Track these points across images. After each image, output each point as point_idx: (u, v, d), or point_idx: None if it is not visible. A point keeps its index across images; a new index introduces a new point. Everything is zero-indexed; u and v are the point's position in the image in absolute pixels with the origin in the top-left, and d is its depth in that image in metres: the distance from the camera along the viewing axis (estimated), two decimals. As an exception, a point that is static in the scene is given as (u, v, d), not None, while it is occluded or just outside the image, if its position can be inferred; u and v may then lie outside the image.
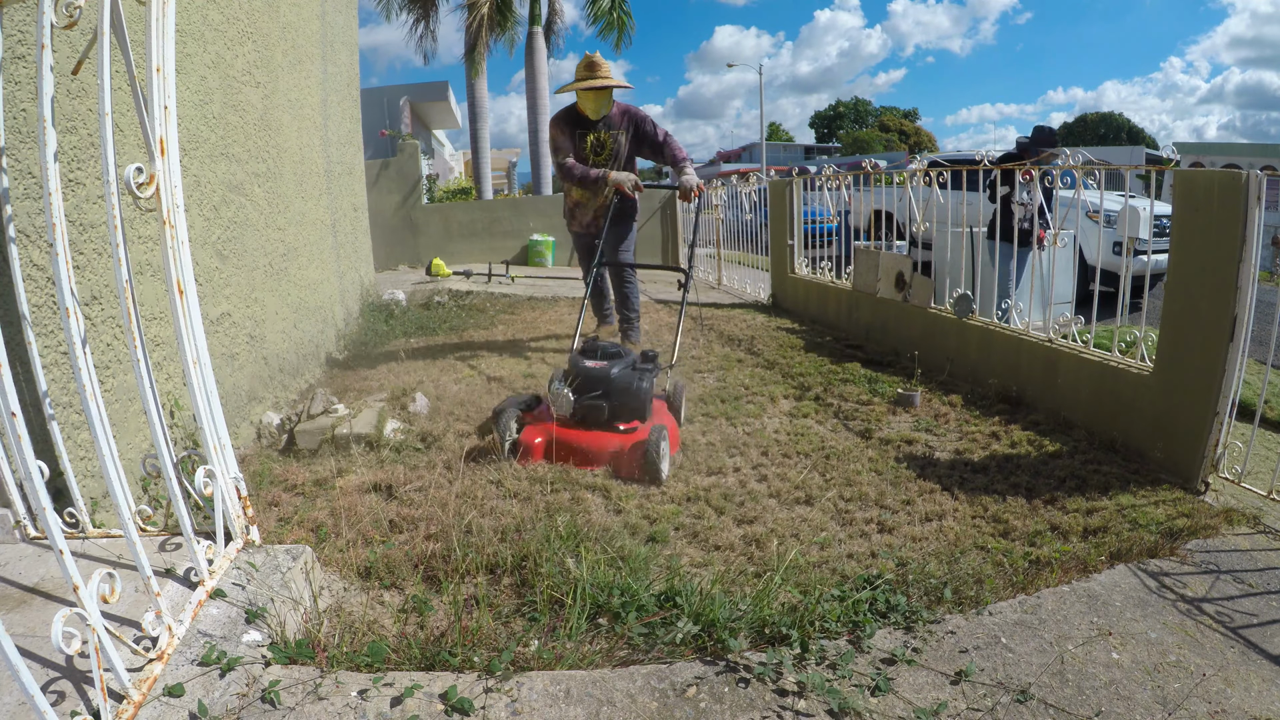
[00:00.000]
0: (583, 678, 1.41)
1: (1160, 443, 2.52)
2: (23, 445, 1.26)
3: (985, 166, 3.75)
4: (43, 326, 1.72)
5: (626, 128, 3.94)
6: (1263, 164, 3.34)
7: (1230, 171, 2.29)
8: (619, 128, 3.92)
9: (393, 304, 5.52)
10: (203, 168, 2.61)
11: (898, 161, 22.61)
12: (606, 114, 3.89)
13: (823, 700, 1.36)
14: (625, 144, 3.95)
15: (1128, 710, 1.36)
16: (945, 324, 3.80)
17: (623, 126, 3.93)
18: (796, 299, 5.72)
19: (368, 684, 1.35)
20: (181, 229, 1.49)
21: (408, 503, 2.31)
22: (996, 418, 3.04)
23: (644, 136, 3.96)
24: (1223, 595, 1.76)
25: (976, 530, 2.13)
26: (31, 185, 1.72)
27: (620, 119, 3.93)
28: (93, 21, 1.40)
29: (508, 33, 15.22)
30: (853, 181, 5.41)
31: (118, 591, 1.31)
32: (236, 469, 1.66)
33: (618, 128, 3.92)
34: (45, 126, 1.29)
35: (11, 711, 1.16)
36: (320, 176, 4.10)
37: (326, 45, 4.31)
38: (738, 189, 7.75)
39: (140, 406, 2.02)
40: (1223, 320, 2.27)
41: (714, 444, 2.79)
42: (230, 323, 2.77)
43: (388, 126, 14.91)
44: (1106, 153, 17.39)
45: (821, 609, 1.61)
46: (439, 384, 3.59)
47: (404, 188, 9.68)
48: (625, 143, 3.95)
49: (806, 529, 2.14)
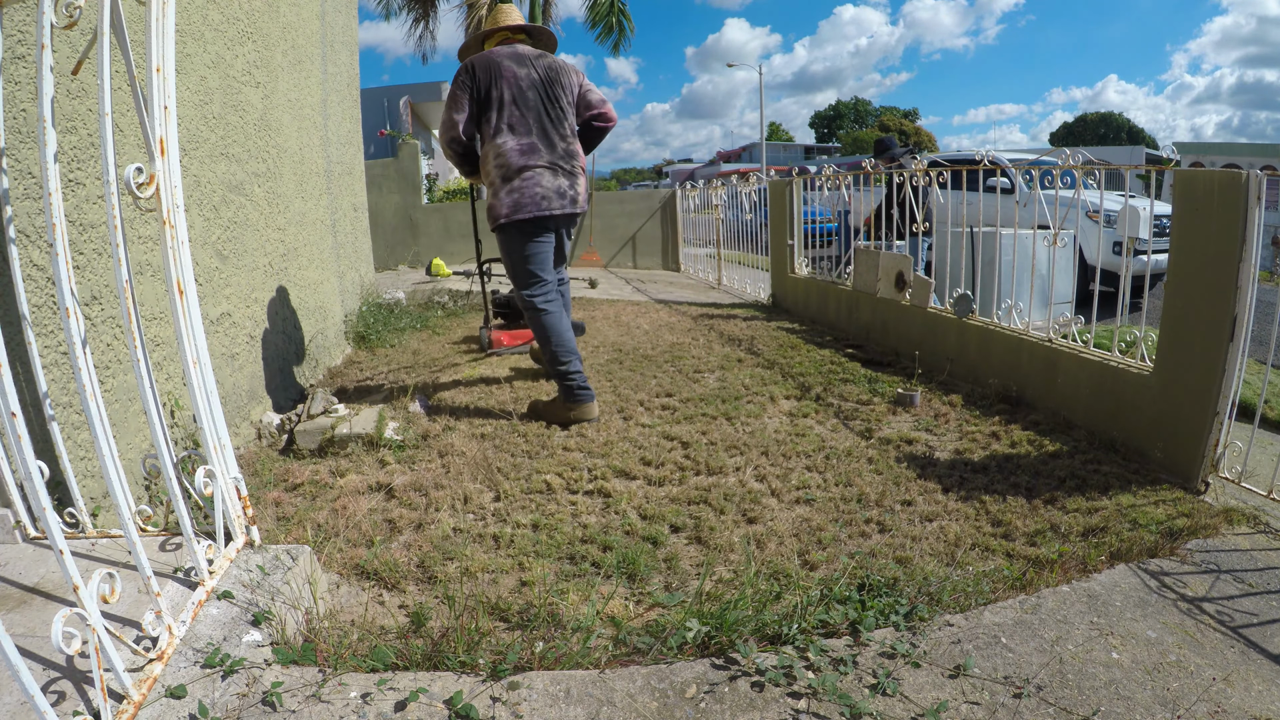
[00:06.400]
0: (583, 677, 1.41)
1: (1160, 442, 2.52)
2: (23, 445, 1.26)
3: (985, 166, 3.75)
4: (43, 326, 1.72)
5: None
6: (1263, 164, 3.34)
7: (1230, 171, 2.29)
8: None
9: (393, 304, 5.53)
10: (203, 168, 2.61)
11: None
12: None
13: (827, 701, 1.36)
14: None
15: (1128, 710, 1.36)
16: (945, 324, 3.80)
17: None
18: (796, 299, 5.72)
19: (370, 686, 1.35)
20: (181, 229, 1.49)
21: (408, 503, 2.31)
22: (996, 417, 3.04)
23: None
24: (1223, 595, 1.76)
25: (976, 530, 2.13)
26: (31, 185, 1.72)
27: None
28: (93, 21, 1.40)
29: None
30: (853, 181, 5.41)
31: (118, 591, 1.32)
32: (236, 469, 1.66)
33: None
34: (45, 126, 1.29)
35: (12, 711, 1.16)
36: (320, 176, 4.10)
37: (326, 45, 4.31)
38: (738, 189, 7.75)
39: (140, 406, 2.02)
40: (1223, 320, 2.27)
41: (714, 444, 2.79)
42: (230, 323, 2.77)
43: (388, 126, 14.92)
44: (1106, 153, 17.43)
45: (821, 609, 1.61)
46: (439, 384, 3.59)
47: (404, 188, 9.68)
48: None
49: (807, 529, 2.14)
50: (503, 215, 2.85)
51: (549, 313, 2.95)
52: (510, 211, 2.83)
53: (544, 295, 2.96)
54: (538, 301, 2.95)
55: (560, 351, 2.93)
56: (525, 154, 2.84)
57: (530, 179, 2.83)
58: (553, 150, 2.89)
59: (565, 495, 2.38)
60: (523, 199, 2.83)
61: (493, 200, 2.89)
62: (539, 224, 2.90)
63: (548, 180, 2.86)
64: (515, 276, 2.98)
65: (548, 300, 2.97)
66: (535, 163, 2.84)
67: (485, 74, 2.84)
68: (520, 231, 2.88)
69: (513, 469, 2.56)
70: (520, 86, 2.85)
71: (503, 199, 2.85)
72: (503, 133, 2.84)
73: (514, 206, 2.83)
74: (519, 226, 2.87)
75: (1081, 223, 6.22)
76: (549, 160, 2.87)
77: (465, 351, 4.39)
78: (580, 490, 2.41)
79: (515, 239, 2.90)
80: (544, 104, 2.89)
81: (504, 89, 2.83)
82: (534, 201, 2.83)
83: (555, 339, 2.93)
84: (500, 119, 2.83)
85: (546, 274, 2.97)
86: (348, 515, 2.20)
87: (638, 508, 2.29)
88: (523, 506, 2.30)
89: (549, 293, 2.98)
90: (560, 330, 2.95)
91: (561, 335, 2.94)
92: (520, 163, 2.83)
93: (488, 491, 2.41)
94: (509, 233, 2.89)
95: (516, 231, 2.88)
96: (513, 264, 2.96)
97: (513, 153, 2.83)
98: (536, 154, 2.85)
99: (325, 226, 4.15)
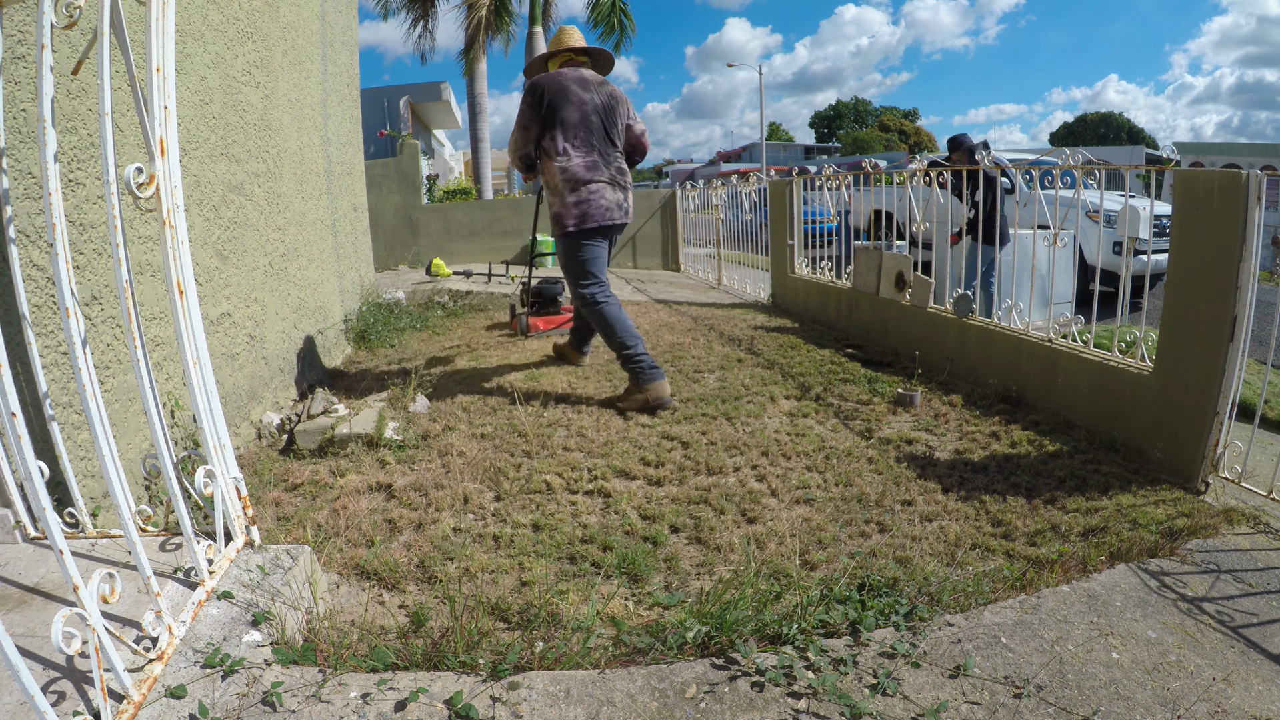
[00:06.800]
0: (583, 677, 1.41)
1: (1160, 442, 2.52)
2: (23, 445, 1.26)
3: (985, 167, 3.75)
4: (43, 326, 1.72)
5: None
6: (1263, 164, 3.34)
7: (1230, 171, 2.29)
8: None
9: (393, 304, 5.52)
10: (203, 168, 2.61)
11: (898, 161, 22.61)
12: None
13: (827, 701, 1.36)
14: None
15: (1128, 710, 1.36)
16: (945, 324, 3.80)
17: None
18: (796, 299, 5.72)
19: (370, 686, 1.35)
20: (181, 229, 1.49)
21: (408, 503, 2.31)
22: (996, 417, 3.04)
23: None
24: (1223, 595, 1.76)
25: (976, 530, 2.13)
26: (31, 185, 1.72)
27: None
28: (93, 21, 1.40)
29: (504, 31, 15.23)
30: (853, 181, 5.41)
31: (118, 591, 1.32)
32: (236, 469, 1.66)
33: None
34: (45, 126, 1.29)
35: (12, 711, 1.16)
36: (320, 176, 4.10)
37: (326, 45, 4.31)
38: (738, 189, 7.75)
39: (140, 406, 2.02)
40: (1223, 320, 2.27)
41: (714, 444, 2.79)
42: (230, 323, 2.77)
43: (388, 126, 14.92)
44: (1106, 153, 17.42)
45: (821, 609, 1.61)
46: (439, 384, 3.59)
47: (404, 188, 9.68)
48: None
49: (807, 529, 2.14)
50: (570, 224, 3.19)
51: (608, 304, 3.25)
52: (578, 221, 3.17)
53: (602, 291, 3.28)
54: (597, 297, 3.25)
55: (625, 338, 3.18)
56: (590, 170, 3.18)
57: (596, 192, 3.18)
58: (610, 167, 3.24)
59: (565, 495, 2.38)
60: (590, 210, 3.17)
61: (560, 210, 3.21)
62: (601, 232, 3.24)
63: (609, 194, 3.22)
64: (575, 277, 3.28)
65: (605, 296, 3.28)
66: (598, 178, 3.19)
67: (553, 95, 3.15)
68: (585, 238, 3.22)
69: (513, 469, 2.56)
70: (585, 110, 3.18)
71: (570, 210, 3.17)
72: (569, 150, 3.16)
73: (581, 217, 3.17)
74: (584, 234, 3.20)
75: (1081, 223, 6.22)
76: (608, 176, 3.22)
77: (466, 351, 4.39)
78: (580, 490, 2.41)
79: (579, 245, 3.23)
80: (604, 127, 3.24)
81: (570, 111, 3.15)
82: (600, 212, 3.19)
83: (618, 328, 3.20)
84: (566, 137, 3.15)
85: (602, 274, 3.30)
86: (348, 515, 2.20)
87: (638, 508, 2.29)
88: (523, 506, 2.30)
89: (605, 289, 3.29)
90: (621, 320, 3.23)
91: (623, 324, 3.22)
92: (587, 177, 3.17)
93: (488, 491, 2.41)
94: (574, 239, 3.22)
95: (582, 238, 3.21)
96: (574, 266, 3.27)
97: (579, 168, 3.16)
98: (598, 170, 3.20)
99: (325, 226, 4.15)
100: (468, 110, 15.87)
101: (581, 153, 3.17)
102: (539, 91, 3.15)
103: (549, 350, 4.27)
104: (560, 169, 3.16)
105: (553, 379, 3.69)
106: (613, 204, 3.22)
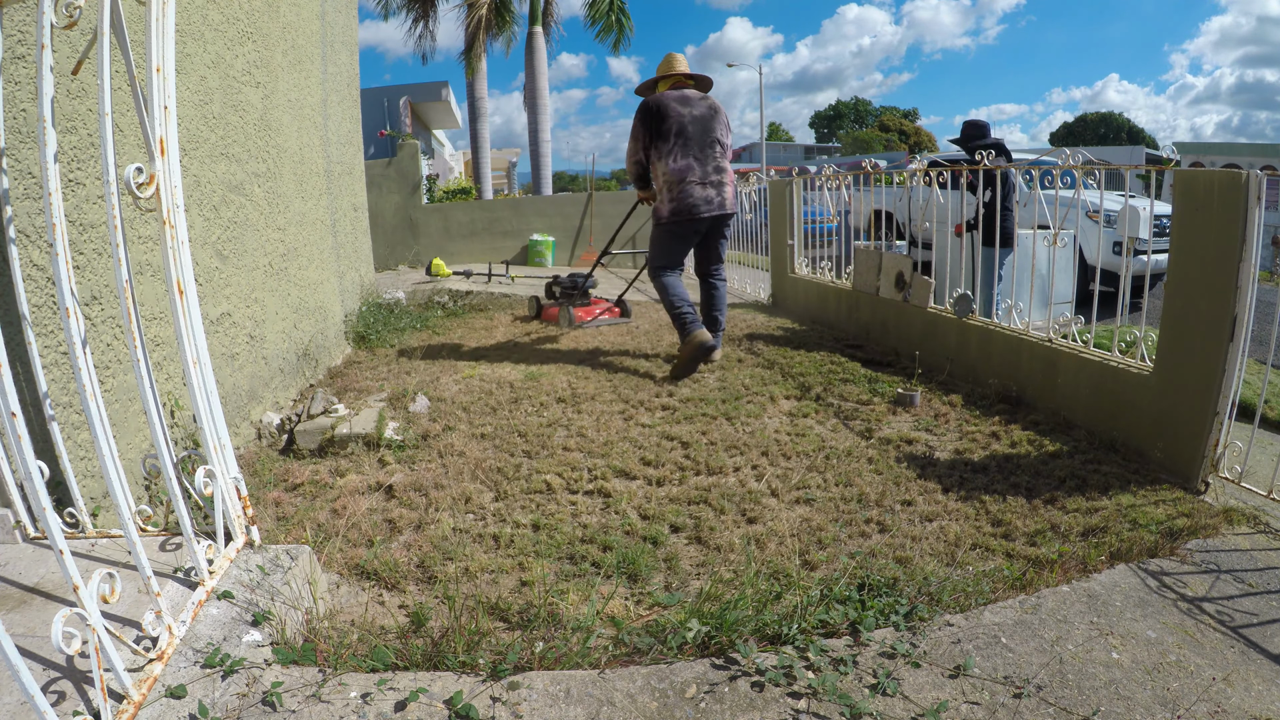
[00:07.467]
0: (583, 677, 1.41)
1: (1160, 442, 2.52)
2: (23, 445, 1.26)
3: (985, 167, 3.74)
4: (43, 326, 1.72)
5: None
6: (1263, 164, 3.34)
7: (1230, 171, 2.29)
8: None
9: (393, 304, 5.52)
10: (203, 168, 2.61)
11: (898, 161, 22.62)
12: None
13: (827, 701, 1.36)
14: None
15: (1128, 710, 1.36)
16: (945, 324, 3.80)
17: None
18: (796, 299, 5.72)
19: (370, 686, 1.35)
20: (181, 229, 1.49)
21: (408, 503, 2.31)
22: (996, 417, 3.04)
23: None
24: (1223, 595, 1.76)
25: (976, 530, 2.13)
26: (31, 185, 1.72)
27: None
28: (93, 21, 1.40)
29: (505, 32, 15.22)
30: (853, 181, 5.41)
31: (118, 591, 1.32)
32: (236, 469, 1.66)
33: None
34: (45, 126, 1.29)
35: (12, 711, 1.16)
36: (320, 176, 4.10)
37: (326, 45, 4.31)
38: (738, 189, 7.74)
39: (140, 406, 2.02)
40: (1223, 320, 2.27)
41: (714, 444, 2.79)
42: (230, 323, 2.77)
43: (388, 126, 14.92)
44: (1106, 153, 17.42)
45: (821, 609, 1.61)
46: (439, 384, 3.59)
47: (404, 188, 9.68)
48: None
49: (807, 529, 2.14)
50: (664, 216, 3.89)
51: (669, 275, 3.98)
52: (670, 215, 3.87)
53: (670, 271, 4.00)
54: (664, 273, 3.97)
55: (675, 299, 3.87)
56: (683, 173, 3.81)
57: (685, 192, 3.81)
58: (704, 168, 3.84)
59: (565, 495, 2.38)
60: (680, 206, 3.82)
61: (659, 204, 3.92)
62: (688, 224, 3.89)
63: (698, 192, 3.83)
64: (654, 255, 4.01)
65: (671, 273, 3.99)
66: (690, 179, 3.81)
67: (658, 114, 3.82)
68: (672, 227, 3.90)
69: (513, 469, 2.56)
70: (683, 124, 3.82)
71: (666, 205, 3.87)
72: (668, 157, 3.81)
73: (673, 211, 3.85)
74: (672, 224, 3.89)
75: (1081, 223, 6.22)
76: (700, 176, 3.83)
77: (466, 351, 4.39)
78: (580, 490, 2.41)
79: (665, 232, 3.95)
80: (701, 135, 3.85)
81: (671, 125, 3.81)
82: (687, 209, 3.83)
83: (672, 291, 3.91)
84: (666, 146, 3.81)
85: (676, 260, 4.02)
86: (348, 515, 2.20)
87: (638, 508, 2.29)
88: (523, 506, 2.30)
89: (672, 272, 4.01)
90: (676, 286, 3.92)
91: (677, 289, 3.91)
92: (680, 179, 3.81)
93: (488, 491, 2.41)
94: (663, 227, 3.94)
95: (669, 227, 3.92)
96: (656, 247, 4.01)
97: (674, 171, 3.81)
98: (691, 172, 3.82)
99: (325, 226, 4.15)
100: (468, 110, 15.87)
101: (678, 160, 3.79)
102: (649, 110, 3.83)
103: (552, 348, 4.27)
104: (661, 172, 3.84)
105: (553, 379, 3.69)
106: (700, 200, 3.81)
